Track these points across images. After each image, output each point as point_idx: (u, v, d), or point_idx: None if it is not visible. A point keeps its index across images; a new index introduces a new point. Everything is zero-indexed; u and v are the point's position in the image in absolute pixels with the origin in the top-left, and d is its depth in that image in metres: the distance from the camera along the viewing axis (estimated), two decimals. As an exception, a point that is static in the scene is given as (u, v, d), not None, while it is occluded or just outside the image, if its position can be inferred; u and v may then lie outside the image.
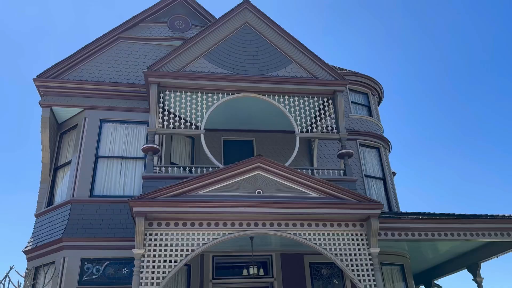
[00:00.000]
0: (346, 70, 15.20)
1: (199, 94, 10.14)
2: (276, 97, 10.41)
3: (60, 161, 10.98)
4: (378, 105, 15.64)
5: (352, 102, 14.53)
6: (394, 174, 15.68)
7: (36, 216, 10.34)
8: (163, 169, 9.19)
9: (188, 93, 10.10)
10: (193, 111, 10.02)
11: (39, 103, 10.66)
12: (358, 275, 8.22)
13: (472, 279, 11.39)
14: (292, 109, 10.44)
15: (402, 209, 13.84)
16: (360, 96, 14.97)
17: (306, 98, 10.62)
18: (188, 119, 10.25)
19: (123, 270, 9.03)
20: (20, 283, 8.81)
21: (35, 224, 10.22)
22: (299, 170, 8.87)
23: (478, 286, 11.26)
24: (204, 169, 9.28)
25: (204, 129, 9.76)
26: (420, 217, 9.43)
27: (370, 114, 14.68)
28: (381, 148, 13.97)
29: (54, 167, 10.90)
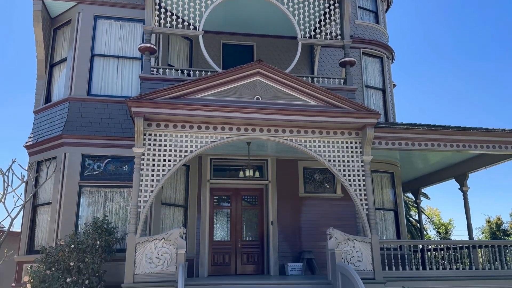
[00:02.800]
0: (355, -29, 14.16)
1: (198, -9, 9.54)
2: (280, -2, 9.83)
3: (55, 57, 10.72)
4: (386, 11, 14.89)
5: (359, 7, 13.79)
6: (394, 85, 15.52)
7: (35, 112, 10.39)
8: (160, 70, 9.03)
9: (186, -10, 9.50)
10: (191, 9, 9.52)
11: (29, -5, 10.09)
12: (349, 180, 8.57)
13: (459, 188, 11.96)
14: (296, 12, 9.93)
15: (399, 120, 13.97)
16: (368, 1, 14.17)
17: (311, 0, 10.05)
18: (186, 18, 9.77)
19: (124, 167, 9.35)
20: (24, 176, 9.16)
21: (34, 120, 10.31)
22: (299, 78, 8.74)
23: (463, 195, 11.86)
24: (203, 72, 9.12)
25: (202, 30, 9.37)
26: (415, 127, 9.54)
27: (377, 21, 14.04)
28: (385, 58, 13.62)
29: (50, 64, 10.67)
